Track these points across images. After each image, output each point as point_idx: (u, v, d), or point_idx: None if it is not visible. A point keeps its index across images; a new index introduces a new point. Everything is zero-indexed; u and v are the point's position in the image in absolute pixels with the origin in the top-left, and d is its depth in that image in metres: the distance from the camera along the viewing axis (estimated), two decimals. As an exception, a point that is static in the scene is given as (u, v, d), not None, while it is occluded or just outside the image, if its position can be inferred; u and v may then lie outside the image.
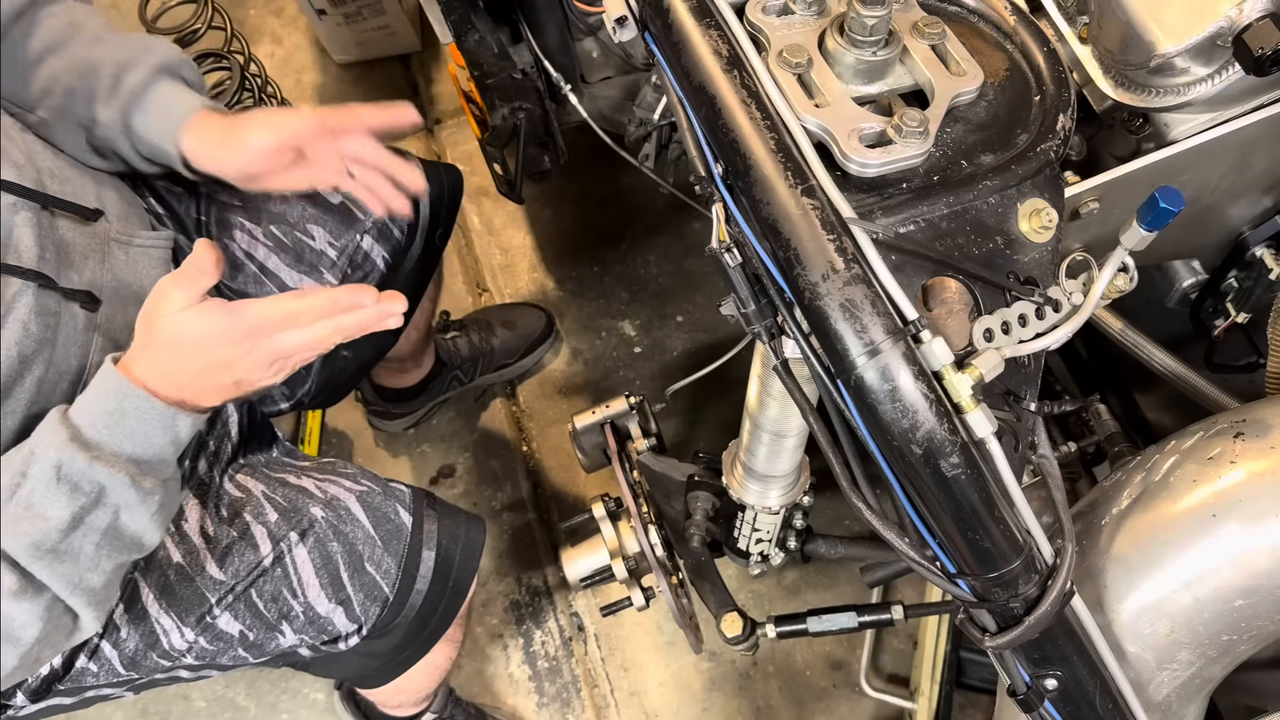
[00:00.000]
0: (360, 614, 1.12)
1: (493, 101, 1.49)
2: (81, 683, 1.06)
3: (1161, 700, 0.80)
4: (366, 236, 1.28)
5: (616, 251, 2.10)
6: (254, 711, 1.72)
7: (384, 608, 1.13)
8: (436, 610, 1.19)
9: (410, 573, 1.14)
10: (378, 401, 1.87)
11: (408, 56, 2.37)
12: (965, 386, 0.58)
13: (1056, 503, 0.67)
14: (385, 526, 1.13)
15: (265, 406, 1.23)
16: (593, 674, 1.74)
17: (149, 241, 1.08)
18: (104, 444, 0.86)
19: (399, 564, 1.13)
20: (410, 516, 1.16)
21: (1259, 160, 0.87)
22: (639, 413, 1.35)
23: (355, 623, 1.13)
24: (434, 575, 1.16)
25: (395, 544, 1.13)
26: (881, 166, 0.63)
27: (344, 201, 1.26)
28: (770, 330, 0.69)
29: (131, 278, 1.04)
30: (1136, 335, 1.11)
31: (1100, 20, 0.82)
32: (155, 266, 1.08)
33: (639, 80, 1.54)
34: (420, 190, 1.20)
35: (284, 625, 1.10)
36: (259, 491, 1.12)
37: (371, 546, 1.12)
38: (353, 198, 1.24)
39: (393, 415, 1.90)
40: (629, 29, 0.74)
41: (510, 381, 2.00)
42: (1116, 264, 0.64)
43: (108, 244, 1.03)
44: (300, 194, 1.21)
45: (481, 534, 1.24)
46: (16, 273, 0.91)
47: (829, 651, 1.72)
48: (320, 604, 1.10)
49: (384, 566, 1.12)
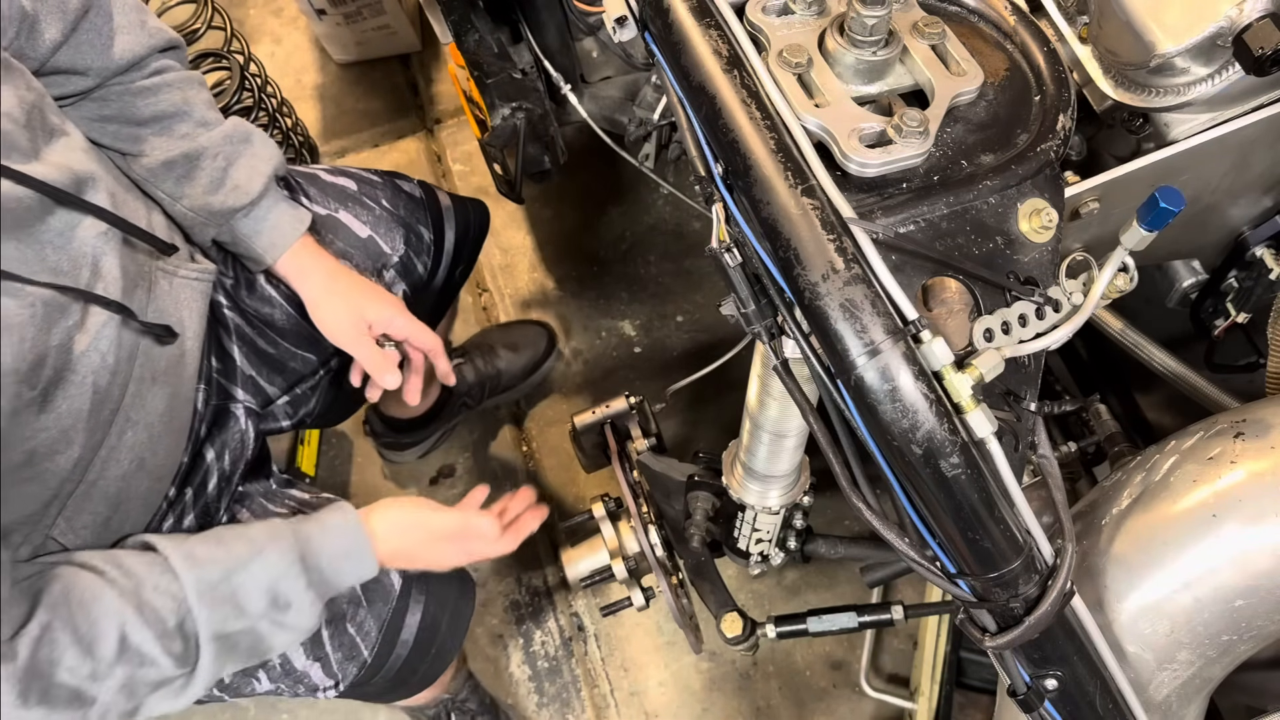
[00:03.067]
0: (337, 671, 1.13)
1: (493, 101, 1.49)
2: None
3: (1161, 700, 0.79)
4: (390, 270, 1.29)
5: (616, 251, 2.10)
6: (254, 712, 1.72)
7: (361, 669, 1.13)
8: (416, 672, 1.20)
9: (391, 638, 1.15)
10: (387, 433, 1.86)
11: (408, 56, 2.37)
12: (965, 386, 0.58)
13: (1056, 503, 0.67)
14: (373, 586, 1.13)
15: (266, 424, 1.23)
16: (593, 674, 1.74)
17: (193, 274, 1.08)
18: (322, 573, 1.00)
19: (380, 628, 1.13)
20: (400, 577, 1.16)
21: (1259, 160, 0.87)
22: (639, 413, 1.35)
23: (332, 679, 1.13)
24: (415, 642, 1.17)
25: (380, 605, 1.14)
26: (881, 166, 0.63)
27: (371, 235, 1.27)
28: (770, 330, 0.69)
29: (171, 309, 1.03)
30: (1136, 335, 1.11)
31: (1100, 20, 0.82)
32: (196, 299, 1.08)
33: (639, 80, 1.53)
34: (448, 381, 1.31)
35: (260, 673, 1.11)
36: None
37: (355, 606, 1.12)
38: (379, 232, 1.28)
39: (403, 445, 1.89)
40: (629, 29, 0.74)
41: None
42: (1116, 264, 0.64)
43: (154, 272, 1.02)
44: (326, 226, 1.24)
45: (471, 603, 1.26)
46: (104, 303, 0.92)
47: (829, 651, 1.72)
48: (297, 659, 1.11)
49: (365, 628, 1.12)
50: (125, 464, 0.96)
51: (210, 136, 1.08)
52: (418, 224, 1.32)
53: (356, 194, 1.29)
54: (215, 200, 1.08)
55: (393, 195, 1.32)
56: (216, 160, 1.08)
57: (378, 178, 1.33)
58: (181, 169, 1.07)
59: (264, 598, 0.94)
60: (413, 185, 1.36)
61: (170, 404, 1.02)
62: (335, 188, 1.28)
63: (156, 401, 0.99)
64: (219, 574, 0.92)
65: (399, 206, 1.31)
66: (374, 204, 1.29)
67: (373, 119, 2.33)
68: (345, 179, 1.30)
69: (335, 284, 1.17)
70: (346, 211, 1.26)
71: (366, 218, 1.27)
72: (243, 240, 1.12)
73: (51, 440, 0.87)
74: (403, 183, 1.35)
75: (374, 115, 2.33)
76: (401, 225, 1.30)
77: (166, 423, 1.02)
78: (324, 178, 1.29)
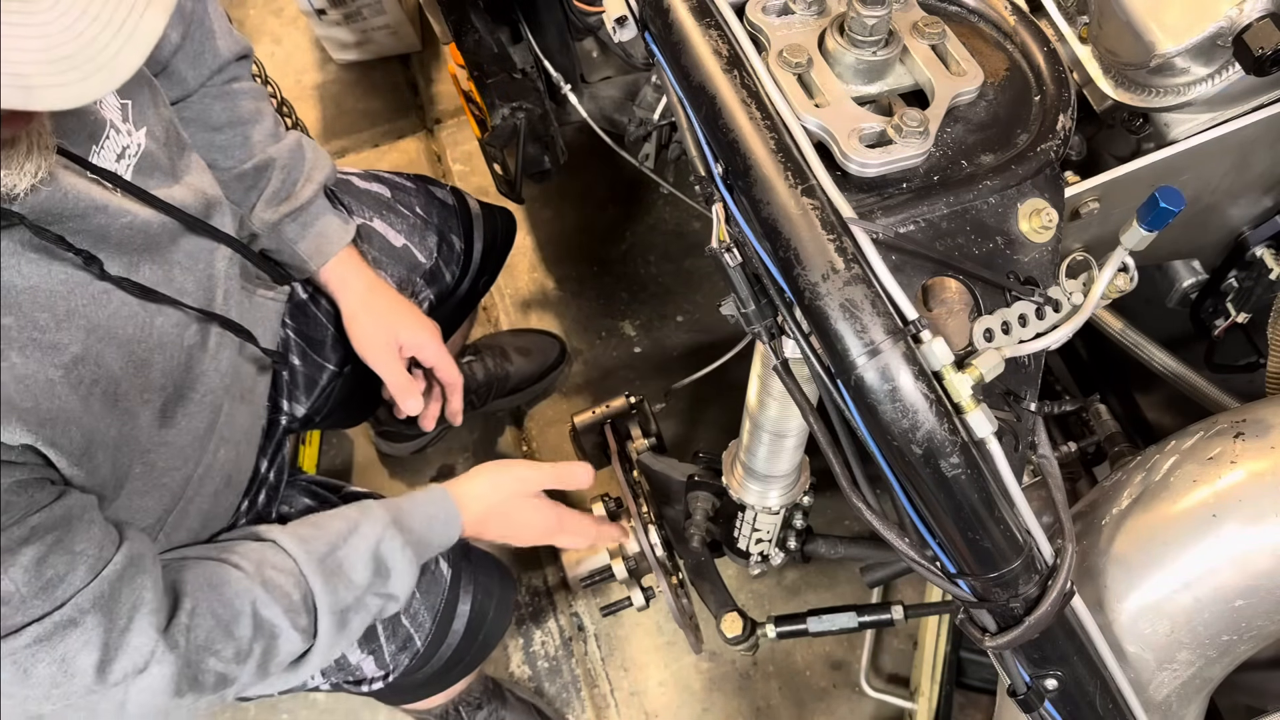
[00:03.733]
0: (390, 662, 1.13)
1: (493, 101, 1.49)
2: None
3: (1161, 700, 0.79)
4: (419, 278, 1.29)
5: (616, 251, 2.10)
6: (254, 712, 1.72)
7: (414, 658, 1.14)
8: (463, 660, 1.20)
9: (444, 626, 1.15)
10: (390, 421, 1.85)
11: (408, 56, 2.37)
12: (965, 386, 0.58)
13: (1056, 503, 0.67)
14: (424, 578, 1.13)
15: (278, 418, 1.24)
16: (593, 674, 1.74)
17: (269, 295, 1.09)
18: (414, 533, 1.01)
19: (434, 617, 1.14)
20: (449, 568, 1.16)
21: (1259, 160, 0.87)
22: (639, 413, 1.35)
23: (383, 670, 1.13)
24: (466, 629, 1.17)
25: (433, 596, 1.14)
26: (881, 166, 0.63)
27: (405, 244, 1.27)
28: (770, 330, 0.69)
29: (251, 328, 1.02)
30: (1136, 335, 1.11)
31: (1100, 20, 0.82)
32: (271, 319, 1.09)
33: (639, 80, 1.53)
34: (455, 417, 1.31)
35: None
36: None
37: (409, 598, 1.11)
38: (414, 241, 1.28)
39: (403, 437, 1.88)
40: (629, 29, 0.74)
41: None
42: (1117, 264, 0.64)
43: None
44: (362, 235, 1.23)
45: (513, 591, 1.27)
46: (230, 326, 0.93)
47: (829, 651, 1.72)
48: (352, 653, 1.11)
49: (419, 619, 1.13)
50: (217, 480, 0.98)
51: (279, 148, 1.09)
52: (450, 232, 1.32)
53: (390, 201, 1.28)
54: (278, 212, 1.08)
55: (426, 202, 1.32)
56: (282, 173, 1.08)
57: (410, 183, 1.33)
58: (251, 180, 1.07)
59: (368, 566, 0.96)
60: (445, 192, 1.36)
61: (252, 421, 1.05)
62: (370, 194, 1.27)
63: (243, 419, 1.02)
64: (325, 548, 0.95)
65: (432, 214, 1.31)
66: (408, 211, 1.29)
67: (373, 119, 2.33)
68: (379, 185, 1.30)
69: (374, 300, 1.17)
70: (381, 220, 1.26)
71: (401, 226, 1.27)
72: (288, 245, 1.11)
73: (170, 456, 0.89)
74: (435, 189, 1.35)
75: (374, 115, 2.33)
76: (435, 233, 1.30)
77: (249, 439, 1.05)
78: (358, 184, 1.28)
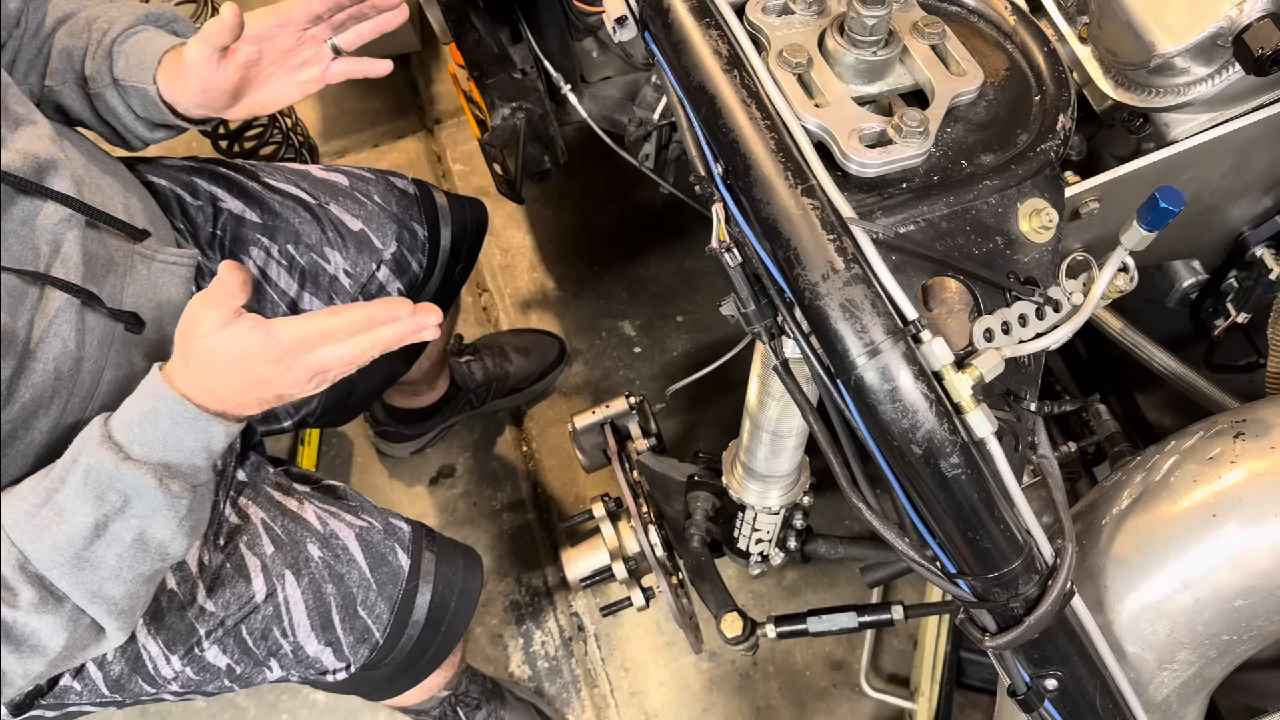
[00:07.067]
0: (349, 654, 1.12)
1: (493, 101, 1.49)
2: (65, 700, 1.05)
3: (1161, 700, 0.80)
4: (383, 268, 1.28)
5: (616, 251, 2.10)
6: (254, 711, 1.72)
7: (373, 650, 1.13)
8: (427, 652, 1.19)
9: (402, 618, 1.14)
10: (388, 422, 1.85)
11: (408, 56, 2.37)
12: (965, 386, 0.58)
13: (1056, 503, 0.67)
14: (382, 569, 1.12)
15: (268, 424, 1.22)
16: (593, 674, 1.74)
17: (172, 258, 1.06)
18: (133, 444, 0.85)
19: (391, 609, 1.13)
20: (408, 559, 1.15)
21: (1259, 160, 0.87)
22: (639, 413, 1.35)
23: (343, 662, 1.13)
24: (426, 620, 1.16)
25: (390, 588, 1.13)
26: (881, 166, 0.63)
27: (363, 229, 1.26)
28: (770, 330, 0.69)
29: (151, 294, 1.02)
30: (1136, 335, 1.11)
31: (1100, 20, 0.82)
32: (177, 284, 1.06)
33: (639, 80, 1.53)
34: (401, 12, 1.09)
35: (271, 661, 1.10)
36: (258, 519, 1.10)
37: (366, 589, 1.11)
38: (371, 226, 1.24)
39: (402, 437, 1.88)
40: (629, 29, 0.74)
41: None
42: (1117, 264, 0.64)
43: (131, 257, 1.01)
44: (317, 217, 1.19)
45: (479, 578, 1.23)
46: (65, 287, 0.90)
47: (829, 651, 1.72)
48: (310, 644, 1.10)
49: (376, 610, 1.12)
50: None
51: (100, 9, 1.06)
52: (411, 220, 1.31)
53: (348, 189, 1.28)
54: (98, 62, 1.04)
55: (385, 191, 1.31)
56: (101, 25, 1.05)
57: (370, 174, 1.33)
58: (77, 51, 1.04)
59: (88, 497, 0.83)
60: (406, 182, 1.36)
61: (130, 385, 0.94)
62: (325, 183, 1.27)
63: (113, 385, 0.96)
64: (39, 499, 0.84)
65: (391, 203, 1.30)
66: (366, 199, 1.28)
67: (373, 119, 2.33)
68: (336, 174, 1.30)
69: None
70: (338, 205, 1.25)
71: (359, 212, 1.26)
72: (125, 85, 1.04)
73: (12, 424, 0.87)
74: (396, 179, 1.35)
75: (374, 115, 2.33)
76: (394, 221, 1.29)
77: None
78: (315, 174, 1.28)
